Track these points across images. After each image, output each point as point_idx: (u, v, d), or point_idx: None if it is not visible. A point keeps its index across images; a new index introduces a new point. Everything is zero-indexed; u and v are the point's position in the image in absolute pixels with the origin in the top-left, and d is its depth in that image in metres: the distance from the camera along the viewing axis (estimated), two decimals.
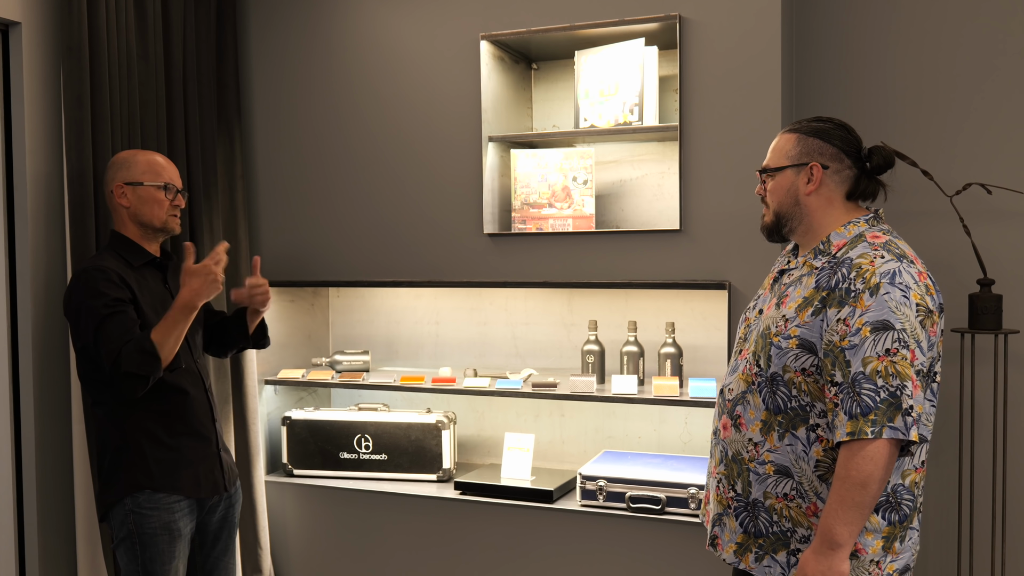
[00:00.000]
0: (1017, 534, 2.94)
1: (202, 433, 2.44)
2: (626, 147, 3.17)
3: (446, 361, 3.52)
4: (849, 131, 1.97)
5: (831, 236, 1.92)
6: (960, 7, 2.96)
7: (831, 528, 1.78)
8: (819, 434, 1.85)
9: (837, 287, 1.82)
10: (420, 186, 3.16)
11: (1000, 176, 2.90)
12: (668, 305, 3.14)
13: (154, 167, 2.44)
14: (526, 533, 2.98)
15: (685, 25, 2.81)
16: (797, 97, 3.12)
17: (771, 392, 1.90)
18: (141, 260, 2.42)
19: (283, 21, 3.31)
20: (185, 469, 2.38)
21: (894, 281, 1.77)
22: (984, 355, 2.91)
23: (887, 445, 1.73)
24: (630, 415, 3.25)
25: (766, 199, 2.02)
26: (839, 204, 1.95)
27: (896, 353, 1.74)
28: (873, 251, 1.83)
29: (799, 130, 1.97)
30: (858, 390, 1.74)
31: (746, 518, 1.96)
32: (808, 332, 1.84)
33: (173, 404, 2.38)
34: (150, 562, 2.33)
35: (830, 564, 1.79)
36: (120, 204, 2.41)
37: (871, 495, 1.75)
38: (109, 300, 2.26)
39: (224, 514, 2.52)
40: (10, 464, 2.69)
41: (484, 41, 3.04)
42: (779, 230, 2.00)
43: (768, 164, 2.01)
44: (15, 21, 2.63)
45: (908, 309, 1.76)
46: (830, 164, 1.93)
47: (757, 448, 1.93)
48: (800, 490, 1.88)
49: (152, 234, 2.45)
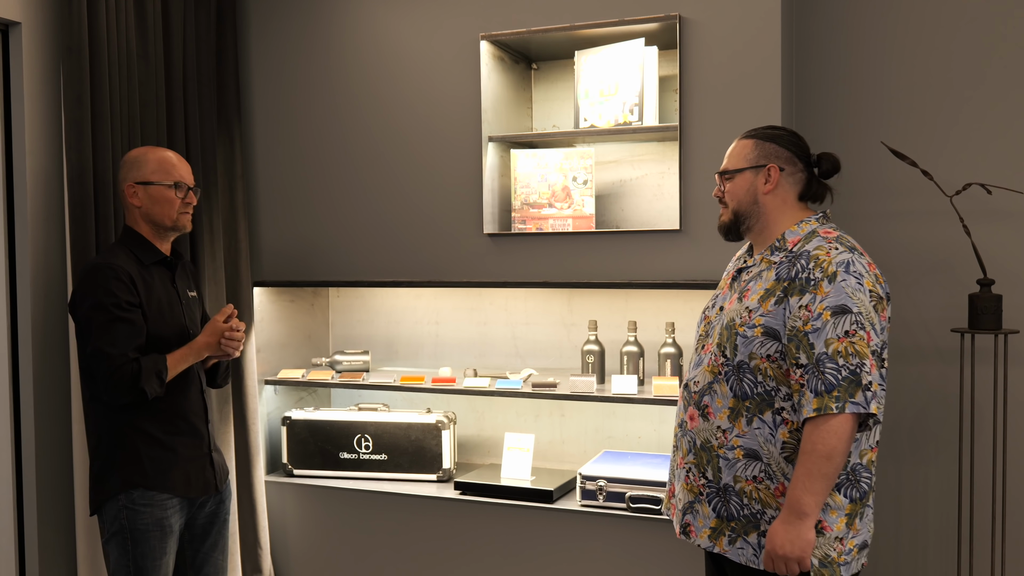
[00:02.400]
0: (1017, 534, 2.94)
1: (196, 433, 2.45)
2: (626, 147, 3.17)
3: (446, 361, 3.52)
4: (800, 139, 2.13)
5: (785, 234, 2.07)
6: (959, 7, 2.96)
7: (798, 499, 1.91)
8: (784, 417, 1.98)
9: (797, 277, 1.96)
10: (420, 186, 3.16)
11: (1000, 176, 2.90)
12: (668, 305, 3.14)
13: (165, 165, 2.43)
14: (526, 533, 2.98)
15: (685, 25, 2.81)
16: (797, 97, 3.12)
17: (738, 380, 2.02)
18: (152, 259, 2.43)
19: (283, 21, 3.31)
20: (177, 468, 2.39)
21: (849, 270, 1.93)
22: (984, 355, 2.91)
23: (850, 420, 1.88)
24: (630, 415, 3.25)
25: (724, 199, 2.15)
26: (792, 204, 2.10)
27: (855, 334, 1.89)
28: (828, 244, 1.99)
29: (756, 136, 2.13)
30: (822, 369, 1.88)
31: (718, 503, 2.06)
32: (772, 320, 1.98)
33: (169, 403, 2.39)
34: (141, 558, 2.34)
35: (798, 532, 1.91)
36: (132, 204, 2.42)
37: (835, 467, 1.89)
38: (121, 302, 2.28)
39: (214, 510, 2.53)
40: (10, 459, 2.69)
41: (484, 41, 3.04)
42: (736, 228, 2.14)
43: (727, 167, 2.15)
44: (15, 21, 2.64)
45: (863, 295, 1.91)
46: (785, 167, 2.09)
47: (726, 435, 2.04)
48: (768, 471, 2.00)
49: (164, 232, 2.46)
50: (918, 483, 3.07)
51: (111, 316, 2.27)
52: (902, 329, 3.05)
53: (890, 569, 3.12)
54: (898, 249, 3.05)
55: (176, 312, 2.45)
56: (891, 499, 3.11)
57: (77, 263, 2.65)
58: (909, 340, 3.06)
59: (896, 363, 3.05)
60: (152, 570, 2.36)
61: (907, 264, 3.05)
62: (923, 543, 3.08)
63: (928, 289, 3.02)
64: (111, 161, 2.73)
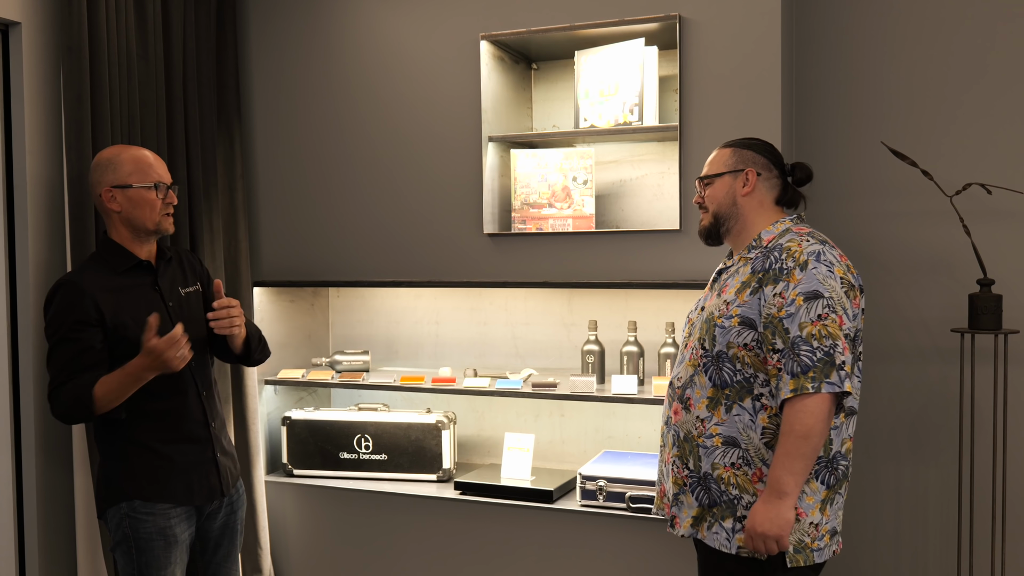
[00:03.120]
0: (1017, 534, 2.94)
1: (196, 438, 2.37)
2: (626, 147, 3.17)
3: (446, 361, 3.52)
4: (775, 149, 2.26)
5: (761, 233, 2.18)
6: (959, 7, 2.96)
7: (778, 478, 1.98)
8: (763, 403, 2.06)
9: (771, 268, 2.07)
10: (420, 186, 3.16)
11: (1000, 176, 2.90)
12: (668, 305, 3.14)
13: (141, 166, 2.31)
14: (526, 533, 2.98)
15: (685, 25, 2.81)
16: (797, 97, 3.12)
17: (717, 369, 2.11)
18: (126, 264, 2.33)
19: (283, 21, 3.31)
20: (177, 477, 2.32)
21: (820, 259, 2.03)
22: (984, 355, 2.91)
23: (825, 399, 1.96)
24: (630, 415, 3.25)
25: (704, 204, 2.26)
26: (769, 207, 2.21)
27: (827, 318, 1.97)
28: (800, 237, 2.11)
29: (733, 145, 2.25)
30: (797, 352, 1.97)
31: (700, 491, 2.14)
32: (747, 310, 2.07)
33: (165, 410, 2.33)
34: (146, 567, 2.30)
35: (778, 511, 1.98)
36: (111, 209, 2.30)
37: (812, 446, 1.96)
38: (67, 322, 2.21)
39: (226, 520, 2.47)
40: (10, 463, 2.69)
41: (484, 41, 3.04)
42: (716, 231, 2.25)
43: (707, 172, 2.27)
44: (15, 21, 2.63)
45: (833, 281, 2.01)
46: (762, 172, 2.21)
47: (704, 424, 2.13)
48: (746, 458, 2.08)
49: (145, 236, 2.35)
50: (918, 483, 3.08)
51: (57, 337, 2.21)
52: (902, 329, 3.06)
53: (890, 569, 3.12)
54: (898, 249, 3.05)
55: (160, 315, 2.29)
56: (891, 499, 3.11)
57: (77, 263, 2.65)
58: (909, 340, 3.06)
59: (896, 363, 3.06)
60: None
61: (907, 264, 3.05)
62: (923, 543, 3.08)
63: (928, 289, 3.02)
64: None
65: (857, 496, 3.11)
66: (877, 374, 3.07)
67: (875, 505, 3.12)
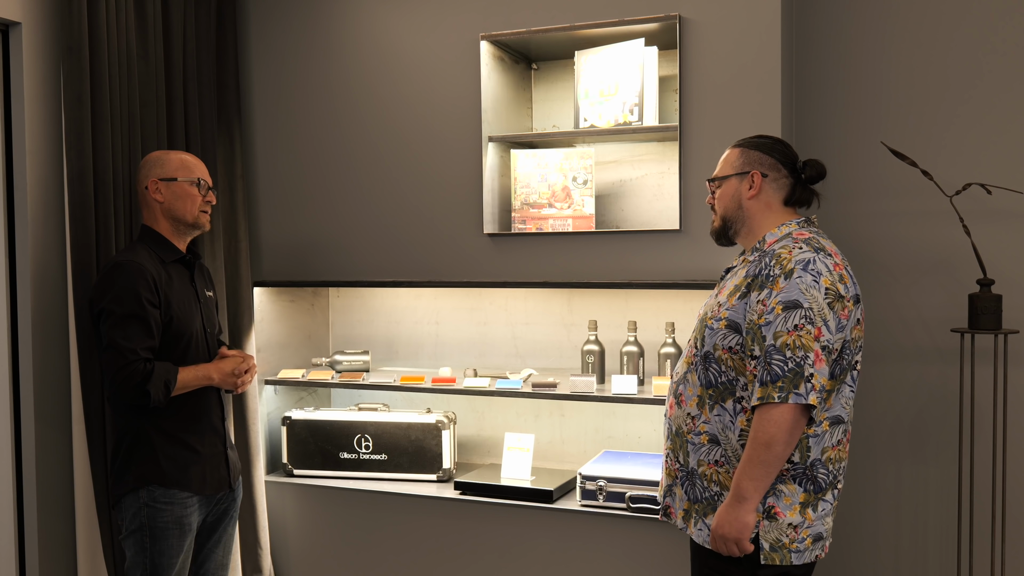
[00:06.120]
0: (1017, 534, 2.94)
1: (214, 430, 2.50)
2: (626, 147, 3.17)
3: (446, 361, 3.52)
4: (787, 147, 2.22)
5: (766, 236, 2.17)
6: (959, 7, 2.96)
7: (739, 483, 2.02)
8: (743, 405, 2.08)
9: (760, 274, 2.06)
10: (420, 186, 3.16)
11: (1000, 176, 2.90)
12: (668, 305, 3.14)
13: (187, 164, 2.51)
14: (526, 533, 2.98)
15: (685, 25, 2.81)
16: (797, 97, 3.12)
17: (704, 369, 2.13)
18: (172, 257, 2.47)
19: (283, 21, 3.31)
20: (195, 466, 2.43)
21: (807, 268, 2.01)
22: (984, 355, 2.91)
23: (790, 410, 1.96)
24: (630, 415, 3.25)
25: (715, 206, 2.26)
26: (777, 208, 2.19)
27: (802, 328, 1.96)
28: (794, 243, 2.08)
29: (743, 145, 2.23)
30: (769, 361, 1.98)
31: (688, 486, 2.18)
32: (734, 314, 2.08)
33: (188, 401, 2.43)
34: (159, 555, 2.37)
35: (736, 515, 2.02)
36: (154, 199, 2.47)
37: (775, 455, 1.98)
38: (140, 299, 2.31)
39: (226, 507, 2.58)
40: (10, 459, 2.69)
41: (484, 41, 3.04)
42: (726, 233, 2.24)
43: (716, 174, 2.26)
44: (15, 21, 2.64)
45: (817, 292, 1.99)
46: (769, 173, 2.18)
47: (694, 421, 2.15)
48: (726, 456, 2.10)
49: (184, 230, 2.51)
50: (918, 483, 3.07)
51: (128, 312, 2.30)
52: (902, 329, 3.06)
53: (890, 569, 3.12)
54: (898, 249, 3.05)
55: (194, 311, 2.48)
56: (891, 499, 3.11)
57: (77, 263, 2.65)
58: (909, 340, 3.06)
59: (896, 363, 3.06)
60: (167, 568, 2.39)
61: (907, 264, 3.05)
62: (923, 543, 3.08)
63: (928, 289, 3.02)
64: (111, 161, 2.73)
65: (857, 496, 3.11)
66: (877, 374, 3.07)
67: (875, 505, 3.12)
